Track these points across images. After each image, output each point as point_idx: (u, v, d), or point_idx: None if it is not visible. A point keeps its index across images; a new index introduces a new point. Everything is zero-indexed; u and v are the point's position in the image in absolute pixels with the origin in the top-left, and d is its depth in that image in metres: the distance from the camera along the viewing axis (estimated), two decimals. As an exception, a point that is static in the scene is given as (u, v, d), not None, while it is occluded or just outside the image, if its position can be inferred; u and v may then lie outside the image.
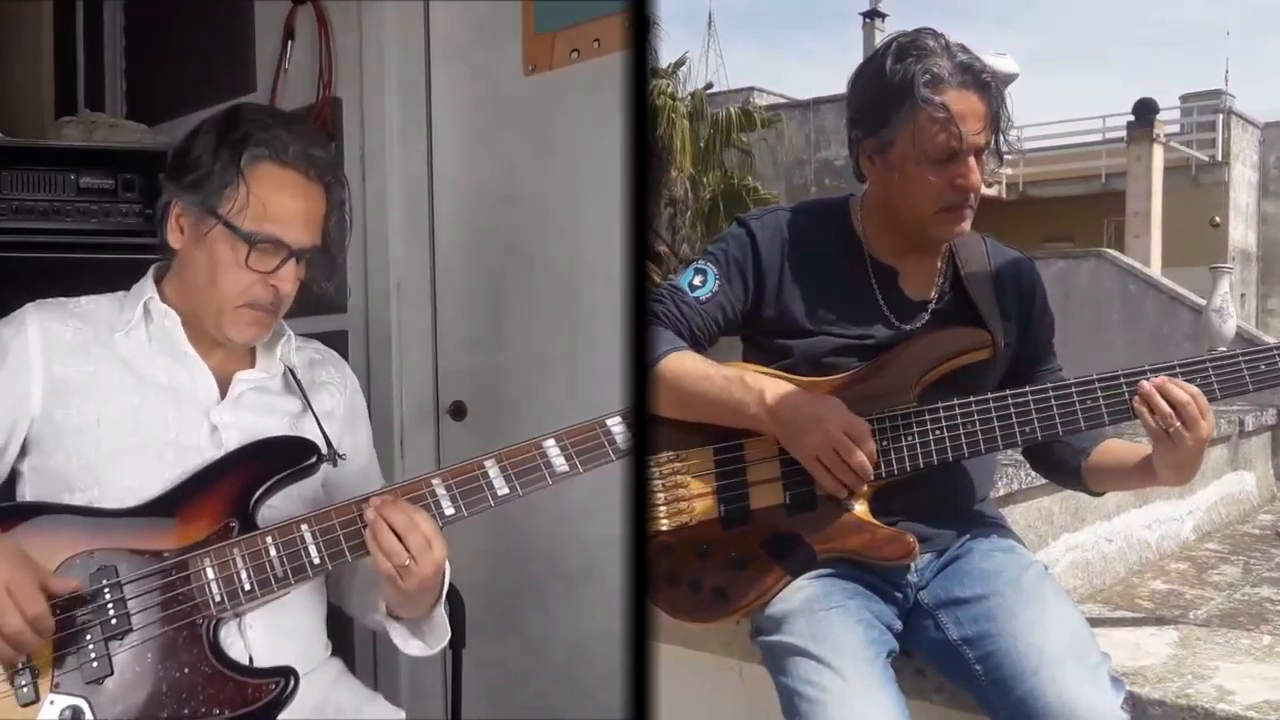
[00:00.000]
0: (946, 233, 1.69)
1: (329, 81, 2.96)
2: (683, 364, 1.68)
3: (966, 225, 1.69)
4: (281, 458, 1.58)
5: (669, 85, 13.95)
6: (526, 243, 2.65)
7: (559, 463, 1.52)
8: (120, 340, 1.59)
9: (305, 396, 1.67)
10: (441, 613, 1.60)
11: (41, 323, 1.57)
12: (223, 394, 1.62)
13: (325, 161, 1.60)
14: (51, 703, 1.42)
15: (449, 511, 1.51)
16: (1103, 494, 1.87)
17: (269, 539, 1.49)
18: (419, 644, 1.63)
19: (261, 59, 3.18)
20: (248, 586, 1.48)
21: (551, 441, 1.52)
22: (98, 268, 1.61)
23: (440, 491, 1.51)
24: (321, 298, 1.69)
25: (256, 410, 1.64)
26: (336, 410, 1.73)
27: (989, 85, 1.61)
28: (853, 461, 1.61)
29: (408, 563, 1.45)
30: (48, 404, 1.54)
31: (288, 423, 1.65)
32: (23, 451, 1.57)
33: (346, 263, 1.71)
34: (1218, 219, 17.35)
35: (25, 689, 1.42)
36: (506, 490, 1.51)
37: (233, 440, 1.59)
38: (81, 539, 1.48)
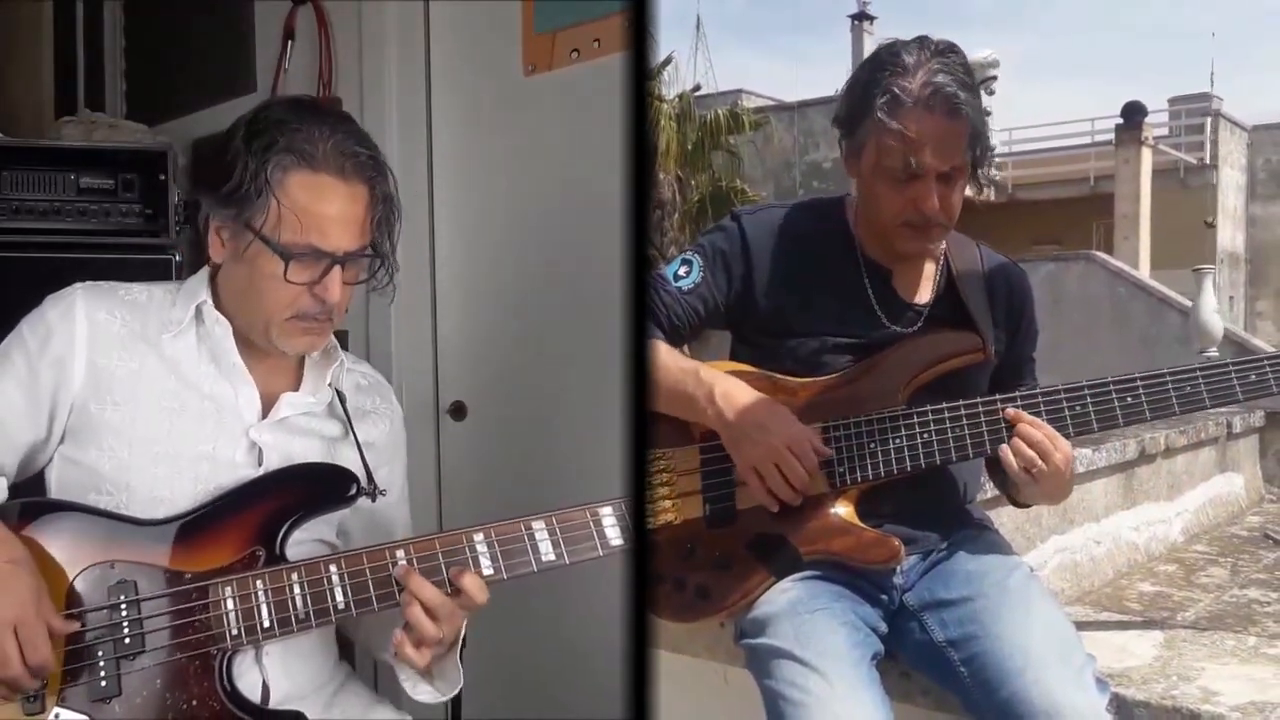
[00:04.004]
0: (910, 248, 1.68)
1: (329, 81, 2.98)
2: (649, 353, 1.68)
3: (933, 245, 1.69)
4: (319, 487, 1.53)
5: (656, 86, 13.88)
6: (526, 242, 2.66)
7: (613, 535, 1.49)
8: (167, 341, 1.53)
9: (350, 423, 1.61)
10: (456, 660, 1.54)
11: (89, 309, 1.51)
12: (265, 411, 1.56)
13: (363, 157, 1.49)
14: (56, 716, 1.37)
15: (488, 571, 1.46)
16: (1027, 506, 1.91)
17: (294, 575, 1.43)
18: (428, 689, 1.55)
19: (261, 59, 3.20)
20: (267, 623, 1.42)
21: (609, 509, 1.50)
22: (98, 268, 1.58)
23: (481, 548, 1.46)
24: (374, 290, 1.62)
25: (296, 432, 1.58)
26: (379, 441, 1.66)
27: (961, 111, 1.58)
28: (791, 477, 1.61)
29: (437, 635, 1.43)
30: (85, 395, 1.49)
31: (325, 447, 1.59)
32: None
33: (396, 253, 1.60)
34: (1211, 219, 17.47)
35: (33, 699, 1.37)
36: (552, 557, 1.47)
37: (272, 460, 1.53)
38: (104, 546, 1.42)
